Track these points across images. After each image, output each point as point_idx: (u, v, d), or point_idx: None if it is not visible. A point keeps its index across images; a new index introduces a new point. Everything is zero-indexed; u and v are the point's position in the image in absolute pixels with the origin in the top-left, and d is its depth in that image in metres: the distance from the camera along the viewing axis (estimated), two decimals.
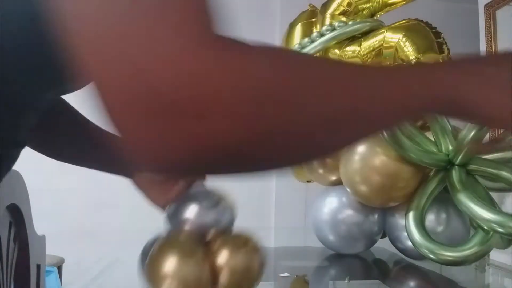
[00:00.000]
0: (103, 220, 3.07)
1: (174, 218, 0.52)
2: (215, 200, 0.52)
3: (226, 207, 0.53)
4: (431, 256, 0.89)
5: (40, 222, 0.87)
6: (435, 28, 1.14)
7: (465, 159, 0.93)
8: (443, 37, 1.12)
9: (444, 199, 0.99)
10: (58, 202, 3.21)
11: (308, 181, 1.41)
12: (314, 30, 1.39)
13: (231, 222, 0.53)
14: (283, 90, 0.25)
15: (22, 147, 0.49)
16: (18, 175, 0.66)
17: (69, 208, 3.23)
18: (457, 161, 0.93)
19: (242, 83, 0.24)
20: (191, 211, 0.51)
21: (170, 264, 0.45)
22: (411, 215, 0.94)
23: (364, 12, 1.32)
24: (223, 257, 0.47)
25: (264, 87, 0.25)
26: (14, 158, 0.48)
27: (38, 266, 0.69)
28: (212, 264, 0.47)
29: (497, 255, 1.12)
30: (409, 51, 1.11)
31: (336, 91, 0.27)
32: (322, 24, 1.35)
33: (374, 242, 1.15)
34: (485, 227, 0.86)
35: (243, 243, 0.49)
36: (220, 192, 0.54)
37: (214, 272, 0.47)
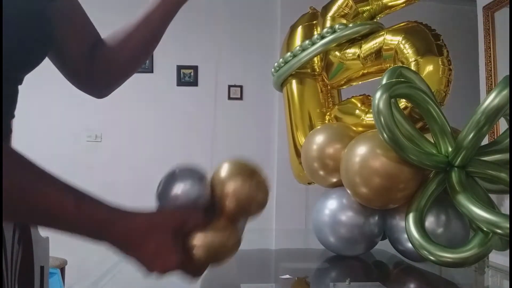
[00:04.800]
0: None
1: (163, 196, 0.55)
2: (198, 178, 0.56)
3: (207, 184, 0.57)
4: (431, 257, 0.90)
5: None
6: (434, 30, 1.15)
7: (465, 161, 0.93)
8: (442, 39, 1.13)
9: (444, 200, 0.99)
10: None
11: (308, 183, 1.41)
12: (315, 32, 1.40)
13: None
14: None
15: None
16: None
17: None
18: (457, 163, 0.94)
19: None
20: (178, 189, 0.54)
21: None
22: (411, 216, 0.95)
23: (364, 15, 1.33)
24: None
25: None
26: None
27: (42, 268, 0.69)
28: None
29: (496, 257, 1.12)
30: (409, 53, 1.12)
31: None
32: (323, 27, 1.36)
33: (374, 244, 1.15)
34: (485, 229, 0.87)
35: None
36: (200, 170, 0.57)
37: None
